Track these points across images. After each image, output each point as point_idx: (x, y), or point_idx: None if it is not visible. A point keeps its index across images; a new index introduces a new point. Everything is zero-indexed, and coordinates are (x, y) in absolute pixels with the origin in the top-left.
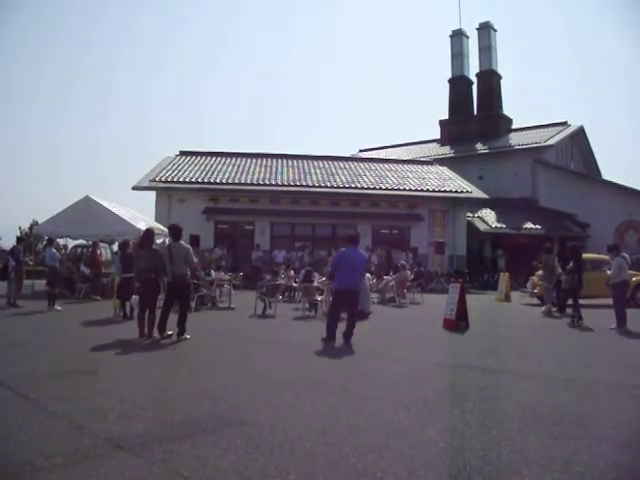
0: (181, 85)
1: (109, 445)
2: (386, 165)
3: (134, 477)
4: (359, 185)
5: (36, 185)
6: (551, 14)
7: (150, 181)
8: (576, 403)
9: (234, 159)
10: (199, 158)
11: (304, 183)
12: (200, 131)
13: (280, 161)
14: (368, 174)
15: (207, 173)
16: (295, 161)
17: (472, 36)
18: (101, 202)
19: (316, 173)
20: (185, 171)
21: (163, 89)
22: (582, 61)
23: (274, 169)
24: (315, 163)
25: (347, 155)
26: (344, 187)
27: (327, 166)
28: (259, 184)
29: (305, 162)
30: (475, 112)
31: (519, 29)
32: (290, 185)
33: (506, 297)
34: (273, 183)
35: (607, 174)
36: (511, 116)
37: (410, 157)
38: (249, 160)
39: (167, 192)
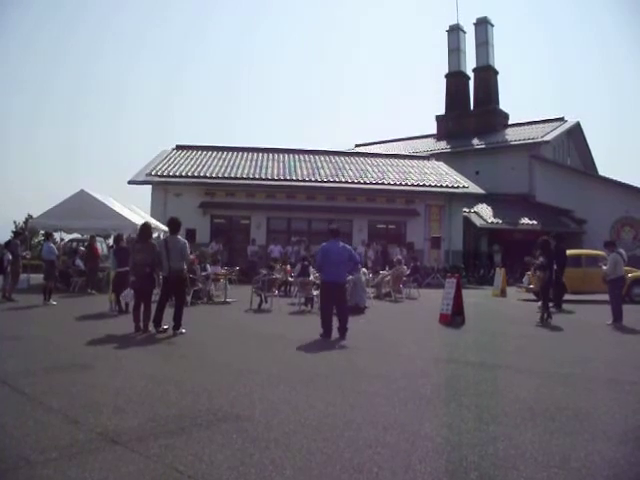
0: (179, 80)
1: (104, 440)
2: (382, 160)
3: (129, 472)
4: (355, 180)
5: (31, 184)
6: (548, 9)
7: (146, 175)
8: (573, 399)
9: (230, 153)
10: (195, 152)
11: (300, 178)
12: (198, 126)
13: (276, 155)
14: (364, 169)
15: (203, 167)
16: (291, 155)
17: (469, 31)
18: (96, 196)
19: (314, 167)
20: (181, 165)
21: (161, 84)
22: (579, 57)
23: (270, 163)
24: (313, 157)
25: (343, 150)
26: (340, 182)
27: (324, 160)
28: (255, 178)
29: (303, 156)
30: (472, 107)
31: (516, 25)
32: (286, 180)
33: (502, 292)
34: (269, 177)
35: (603, 170)
36: (508, 111)
37: (406, 152)
38: (245, 154)
39: (163, 186)
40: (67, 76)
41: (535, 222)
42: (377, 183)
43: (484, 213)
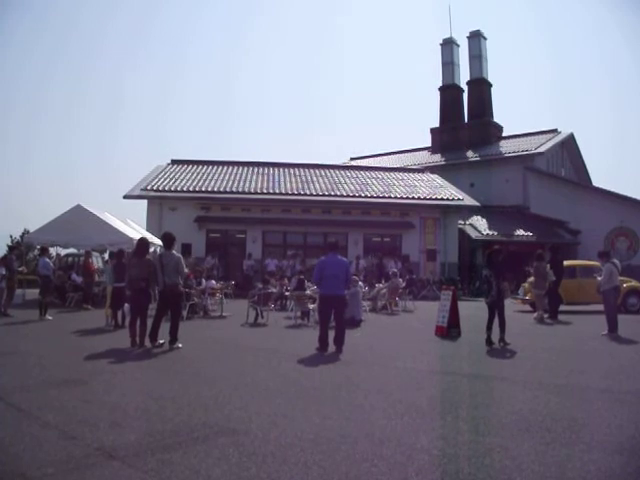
0: (174, 95)
1: (101, 455)
2: (377, 173)
3: None
4: (350, 193)
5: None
6: (541, 23)
7: (142, 190)
8: (568, 409)
9: (226, 167)
10: (191, 167)
11: (296, 192)
12: (194, 140)
13: (272, 169)
14: (359, 182)
15: (199, 182)
16: (288, 169)
17: (463, 44)
18: (92, 211)
19: (308, 181)
20: (177, 179)
21: (156, 99)
22: (572, 69)
23: (266, 177)
24: (307, 171)
25: (339, 163)
26: (335, 195)
27: (319, 174)
28: (251, 192)
29: (297, 170)
30: (466, 120)
31: (509, 38)
32: (282, 193)
33: None
34: (265, 191)
35: (597, 181)
36: (502, 124)
37: (401, 165)
38: (240, 168)
39: (158, 201)
40: (62, 90)
41: (530, 234)
42: (372, 196)
43: (479, 225)
